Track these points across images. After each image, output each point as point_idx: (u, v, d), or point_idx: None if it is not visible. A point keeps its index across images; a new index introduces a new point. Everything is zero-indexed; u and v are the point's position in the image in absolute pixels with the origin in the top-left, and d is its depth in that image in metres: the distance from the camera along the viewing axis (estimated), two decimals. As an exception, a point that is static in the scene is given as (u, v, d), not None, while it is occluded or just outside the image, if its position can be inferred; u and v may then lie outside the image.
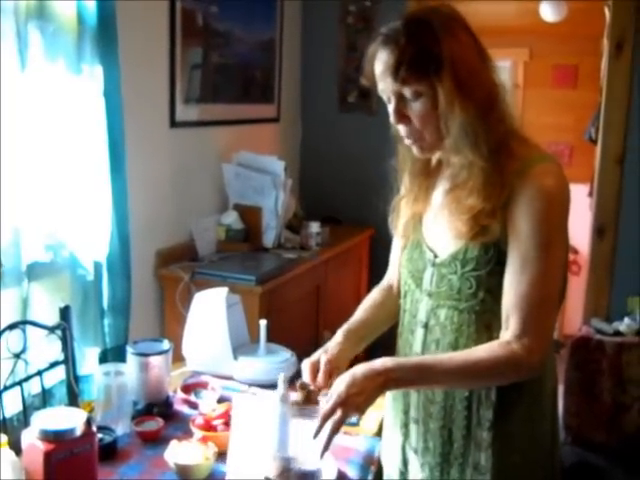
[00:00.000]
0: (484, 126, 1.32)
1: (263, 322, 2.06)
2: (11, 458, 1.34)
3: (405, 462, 1.54)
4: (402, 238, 1.58)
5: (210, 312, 2.08)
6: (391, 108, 1.38)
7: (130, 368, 1.79)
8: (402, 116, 1.37)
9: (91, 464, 1.39)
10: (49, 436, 1.33)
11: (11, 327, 1.79)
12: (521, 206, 1.31)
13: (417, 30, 1.32)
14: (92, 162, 2.23)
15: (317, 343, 3.29)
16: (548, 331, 1.37)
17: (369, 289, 1.76)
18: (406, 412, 1.51)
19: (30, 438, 1.35)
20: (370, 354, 1.58)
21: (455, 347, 1.40)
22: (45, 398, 1.88)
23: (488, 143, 1.32)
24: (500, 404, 1.38)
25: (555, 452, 1.49)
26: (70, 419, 1.37)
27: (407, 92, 1.33)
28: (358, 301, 1.75)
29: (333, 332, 1.75)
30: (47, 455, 1.32)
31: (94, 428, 1.41)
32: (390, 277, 1.70)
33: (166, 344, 1.84)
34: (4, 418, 1.71)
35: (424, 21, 1.33)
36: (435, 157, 1.49)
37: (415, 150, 1.42)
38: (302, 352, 2.09)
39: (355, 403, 1.31)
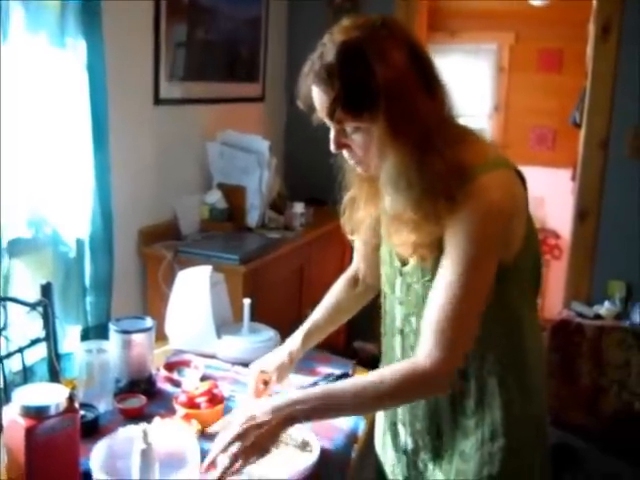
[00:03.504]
0: (420, 165, 1.26)
1: (247, 301, 2.05)
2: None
3: (398, 458, 1.56)
4: (359, 237, 1.58)
5: (194, 290, 2.07)
6: (331, 137, 1.34)
7: (112, 345, 1.78)
8: (342, 145, 1.35)
9: (73, 441, 1.37)
10: (30, 412, 1.32)
11: (-9, 302, 1.78)
12: (456, 226, 1.28)
13: (350, 65, 1.23)
14: (75, 138, 2.20)
15: (300, 322, 3.29)
16: (459, 347, 1.31)
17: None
18: (394, 414, 1.53)
19: (11, 414, 1.33)
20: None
21: None
22: (26, 376, 1.87)
23: (422, 182, 1.27)
24: (481, 391, 1.39)
25: (543, 434, 1.48)
26: (52, 395, 1.36)
27: (346, 127, 1.31)
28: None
29: None
30: (28, 431, 1.30)
31: (76, 404, 1.39)
32: (355, 267, 1.74)
33: (149, 322, 1.83)
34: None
35: (358, 51, 1.23)
36: None
37: (359, 169, 1.40)
38: (285, 331, 2.09)
39: (256, 436, 1.29)
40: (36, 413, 1.32)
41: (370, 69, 1.22)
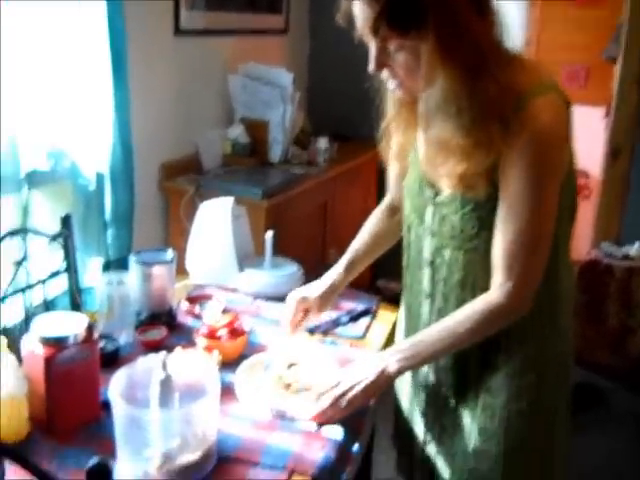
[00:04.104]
0: (471, 89, 1.20)
1: (269, 233, 2.01)
2: (13, 363, 1.31)
3: (416, 392, 1.53)
4: (397, 165, 1.53)
5: (215, 222, 2.03)
6: (371, 56, 1.26)
7: (133, 278, 1.76)
8: (383, 65, 1.26)
9: (92, 370, 1.36)
10: (49, 342, 1.30)
11: (12, 234, 1.76)
12: (514, 154, 1.22)
13: None
14: (94, 70, 2.14)
15: (323, 260, 3.28)
16: (533, 276, 1.30)
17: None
18: None
19: (30, 344, 1.32)
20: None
21: (463, 285, 1.37)
22: (48, 308, 1.86)
23: (474, 107, 1.20)
24: (514, 327, 1.34)
25: (569, 372, 1.45)
26: (71, 325, 1.34)
27: (389, 45, 1.22)
28: (365, 219, 1.73)
29: (339, 250, 1.74)
30: (47, 361, 1.29)
31: (96, 335, 1.38)
32: (390, 197, 1.68)
33: (170, 254, 1.80)
34: (4, 327, 1.69)
35: None
36: None
37: (398, 93, 1.33)
38: (308, 269, 2.06)
39: (361, 390, 1.35)
40: (55, 343, 1.31)
41: None
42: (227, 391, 1.49)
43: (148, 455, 1.21)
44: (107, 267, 2.25)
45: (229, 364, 1.57)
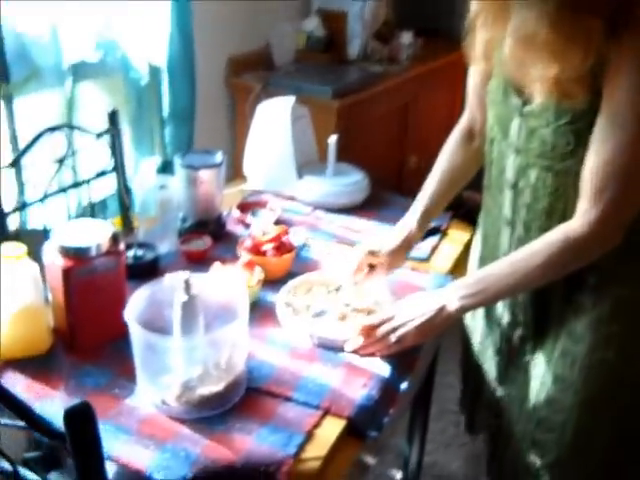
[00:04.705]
0: None
1: (333, 138, 1.82)
2: (33, 272, 1.21)
3: (489, 330, 1.35)
4: (481, 68, 1.28)
5: (274, 123, 1.85)
6: None
7: (179, 182, 1.62)
8: None
9: (117, 283, 1.24)
10: (69, 252, 1.18)
11: (52, 129, 1.63)
12: (624, 56, 1.00)
13: None
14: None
15: (401, 168, 3.06)
16: (626, 205, 1.09)
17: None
18: None
19: (50, 254, 1.21)
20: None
21: (550, 213, 1.15)
22: (94, 210, 1.75)
23: None
24: (607, 264, 1.13)
25: None
26: (94, 235, 1.21)
27: None
28: (450, 127, 1.49)
29: (420, 157, 1.53)
30: (66, 273, 1.18)
31: (121, 245, 1.25)
32: (469, 116, 1.43)
33: (219, 157, 1.64)
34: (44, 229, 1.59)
35: None
36: None
37: None
38: (384, 177, 1.87)
39: (416, 327, 1.20)
40: (75, 254, 1.19)
41: None
42: (268, 313, 1.36)
43: (167, 383, 1.10)
44: (164, 168, 2.13)
45: (274, 282, 1.43)
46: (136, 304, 1.11)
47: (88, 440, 0.77)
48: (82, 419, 0.76)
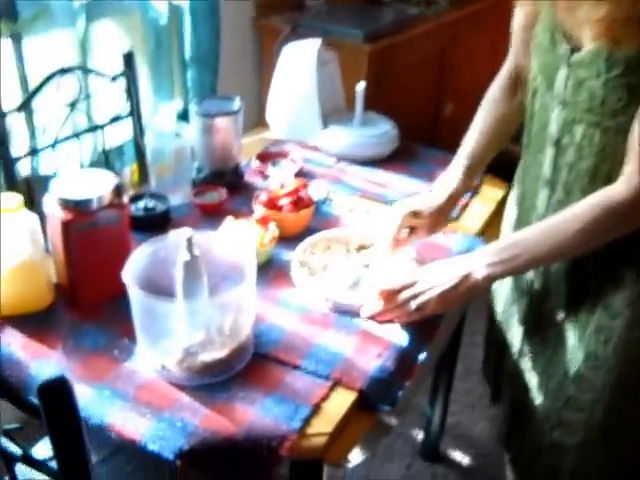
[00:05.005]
0: None
1: (361, 85, 1.71)
2: (32, 224, 1.14)
3: (516, 297, 1.25)
4: (527, 9, 1.17)
5: (299, 68, 1.75)
6: None
7: (194, 130, 1.53)
8: None
9: (121, 238, 1.17)
10: (69, 205, 1.11)
11: (63, 72, 1.55)
12: None
13: None
14: None
15: (435, 118, 2.92)
16: None
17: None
18: None
19: (50, 206, 1.13)
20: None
21: (594, 174, 1.04)
22: (108, 156, 1.69)
23: None
24: None
25: None
26: (96, 186, 1.14)
27: None
28: (491, 74, 1.37)
29: (457, 106, 1.40)
30: (65, 226, 1.11)
31: (125, 198, 1.17)
32: (512, 63, 1.31)
33: (236, 104, 1.54)
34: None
35: None
36: None
37: None
38: (416, 128, 1.75)
39: (438, 294, 1.11)
40: (75, 206, 1.12)
41: None
42: (282, 273, 1.28)
43: (167, 347, 1.03)
44: (185, 115, 2.04)
45: (290, 239, 1.34)
46: (136, 263, 1.04)
47: (64, 416, 0.70)
48: (58, 394, 0.69)
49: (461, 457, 2.08)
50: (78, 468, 0.75)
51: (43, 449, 0.94)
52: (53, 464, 0.78)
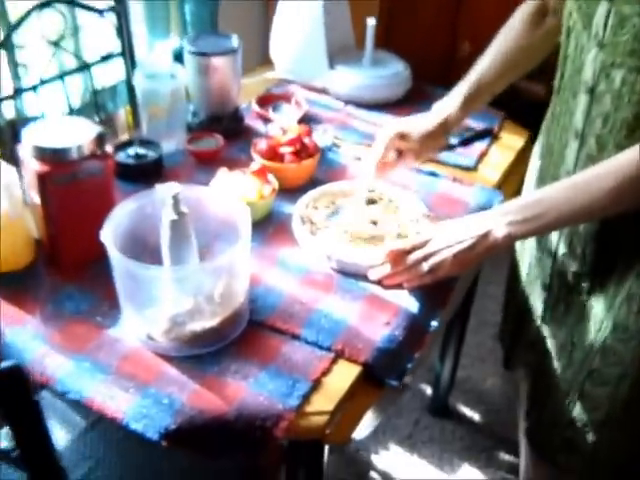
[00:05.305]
0: None
1: (371, 21, 1.57)
2: (9, 178, 1.04)
3: (540, 258, 1.14)
4: None
5: (304, 2, 1.61)
6: None
7: (188, 71, 1.41)
8: None
9: (104, 192, 1.07)
10: (45, 155, 1.01)
11: (45, 4, 1.42)
12: None
13: None
14: None
15: (451, 58, 2.77)
16: None
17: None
18: None
19: (24, 156, 1.03)
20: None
21: (633, 127, 0.91)
22: (97, 97, 1.57)
23: None
24: None
25: None
26: (76, 134, 1.03)
27: None
28: (513, 11, 1.23)
29: (474, 44, 1.27)
30: (42, 178, 1.01)
31: (108, 148, 1.06)
32: None
33: (235, 41, 1.42)
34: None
35: None
36: None
37: None
38: (430, 68, 1.62)
39: (453, 254, 1.01)
40: (53, 157, 1.01)
41: None
42: (282, 229, 1.17)
43: (152, 316, 0.94)
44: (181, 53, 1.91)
45: (292, 191, 1.24)
46: (117, 221, 0.94)
47: (21, 406, 0.61)
48: (11, 385, 0.60)
49: (471, 413, 2.02)
50: (41, 458, 0.67)
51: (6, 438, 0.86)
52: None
